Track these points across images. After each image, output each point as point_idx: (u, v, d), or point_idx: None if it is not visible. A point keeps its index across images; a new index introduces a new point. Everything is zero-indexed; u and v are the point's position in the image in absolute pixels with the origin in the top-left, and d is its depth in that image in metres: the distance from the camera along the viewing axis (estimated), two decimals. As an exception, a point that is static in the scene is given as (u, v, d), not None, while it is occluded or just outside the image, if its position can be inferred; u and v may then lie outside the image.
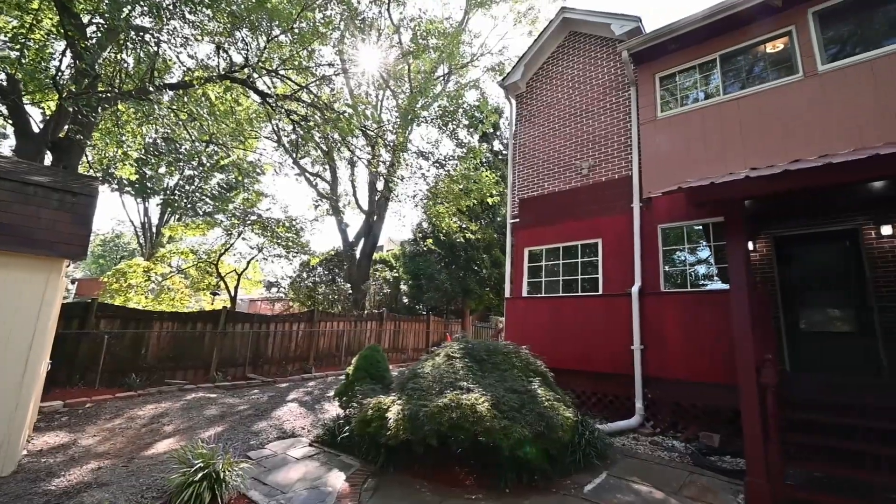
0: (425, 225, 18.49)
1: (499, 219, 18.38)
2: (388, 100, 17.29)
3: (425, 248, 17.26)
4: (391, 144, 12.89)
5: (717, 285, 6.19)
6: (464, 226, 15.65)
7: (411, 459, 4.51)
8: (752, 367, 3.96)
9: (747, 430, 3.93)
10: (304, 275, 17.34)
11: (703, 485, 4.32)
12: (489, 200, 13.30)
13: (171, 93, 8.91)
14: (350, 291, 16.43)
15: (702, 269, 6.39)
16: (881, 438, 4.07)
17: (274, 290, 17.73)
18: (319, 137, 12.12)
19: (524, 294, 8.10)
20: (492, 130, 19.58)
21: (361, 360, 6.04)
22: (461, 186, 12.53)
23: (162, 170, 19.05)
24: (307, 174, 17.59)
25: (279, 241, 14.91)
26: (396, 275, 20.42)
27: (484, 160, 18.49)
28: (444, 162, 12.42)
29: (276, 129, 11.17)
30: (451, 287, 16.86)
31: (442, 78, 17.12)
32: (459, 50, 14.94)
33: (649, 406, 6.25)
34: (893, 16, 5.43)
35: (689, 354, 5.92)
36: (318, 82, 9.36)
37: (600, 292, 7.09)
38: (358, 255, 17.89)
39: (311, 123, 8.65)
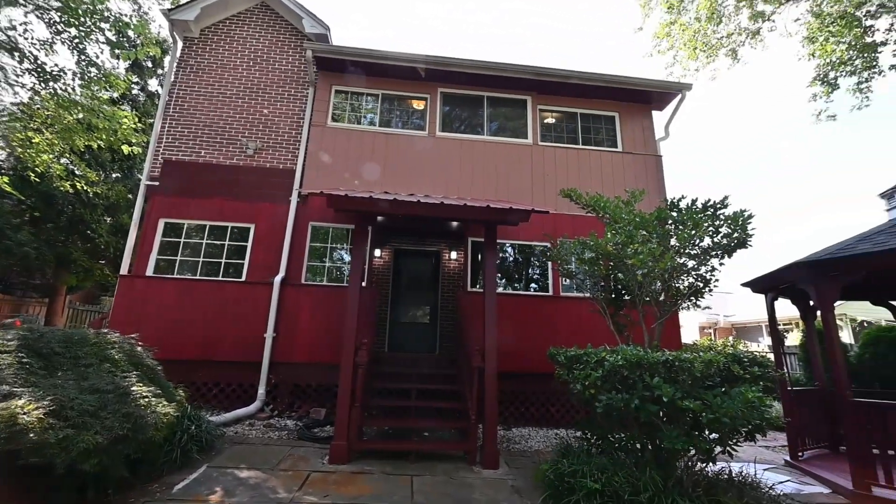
0: (1, 156, 12.26)
1: (139, 176, 14.58)
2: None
3: (-8, 190, 11.30)
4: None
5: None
6: (77, 172, 11.42)
7: None
8: (352, 349, 4.86)
9: (340, 400, 4.76)
10: None
11: (300, 456, 4.88)
12: (125, 149, 10.29)
13: None
14: None
15: (340, 267, 7.36)
16: (423, 396, 5.88)
17: None
18: None
19: (150, 273, 6.74)
20: (151, 66, 15.46)
21: None
22: (80, 117, 9.10)
23: None
24: None
25: None
26: (-85, 220, 12.42)
27: (130, 98, 14.38)
28: (53, 75, 8.62)
29: None
30: (36, 253, 11.80)
31: (77, -40, 12.10)
32: (115, -62, 11.00)
33: (272, 391, 6.52)
34: (479, 119, 8.17)
35: (315, 340, 6.62)
36: None
37: (244, 279, 6.87)
38: None
39: None
